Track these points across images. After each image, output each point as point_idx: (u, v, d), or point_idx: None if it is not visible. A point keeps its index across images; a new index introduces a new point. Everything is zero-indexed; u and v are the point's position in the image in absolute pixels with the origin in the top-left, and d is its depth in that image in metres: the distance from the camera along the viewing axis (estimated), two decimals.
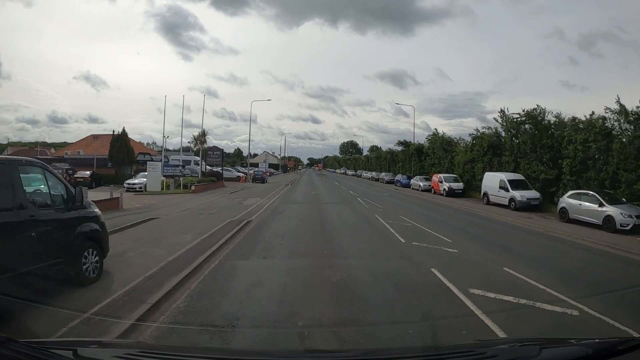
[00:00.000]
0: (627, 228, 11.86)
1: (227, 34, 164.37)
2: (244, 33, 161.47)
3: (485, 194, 20.92)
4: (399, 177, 38.19)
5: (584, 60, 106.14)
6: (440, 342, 3.75)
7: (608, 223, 12.32)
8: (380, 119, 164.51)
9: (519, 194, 18.22)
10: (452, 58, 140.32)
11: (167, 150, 31.31)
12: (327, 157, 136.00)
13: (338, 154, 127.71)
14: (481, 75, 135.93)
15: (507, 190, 18.77)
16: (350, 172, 75.26)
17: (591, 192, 13.80)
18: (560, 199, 15.36)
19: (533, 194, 18.44)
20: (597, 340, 1.70)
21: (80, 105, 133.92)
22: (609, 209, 12.52)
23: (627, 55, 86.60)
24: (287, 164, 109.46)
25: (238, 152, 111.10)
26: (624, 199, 13.52)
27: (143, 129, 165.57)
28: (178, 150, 31.42)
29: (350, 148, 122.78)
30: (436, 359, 1.62)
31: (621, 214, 12.18)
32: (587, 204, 13.47)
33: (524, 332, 4.36)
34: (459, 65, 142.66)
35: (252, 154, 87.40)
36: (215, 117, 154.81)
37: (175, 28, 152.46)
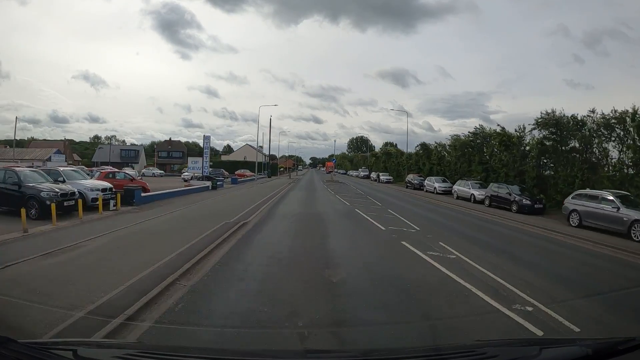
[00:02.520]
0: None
1: (225, 31, 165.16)
2: (242, 31, 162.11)
3: None
4: None
5: (590, 58, 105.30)
6: (441, 342, 3.75)
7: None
8: (383, 118, 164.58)
9: None
10: (455, 56, 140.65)
11: None
12: (332, 155, 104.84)
13: (346, 152, 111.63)
14: (484, 75, 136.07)
15: None
16: (384, 177, 43.21)
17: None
18: None
19: None
20: (597, 340, 1.71)
21: (80, 104, 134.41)
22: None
23: (634, 53, 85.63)
24: (284, 165, 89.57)
25: (228, 149, 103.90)
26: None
27: (145, 129, 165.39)
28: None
29: (358, 144, 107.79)
30: (436, 359, 1.62)
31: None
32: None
33: None
34: (462, 64, 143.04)
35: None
36: (216, 117, 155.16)
37: (172, 25, 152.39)
